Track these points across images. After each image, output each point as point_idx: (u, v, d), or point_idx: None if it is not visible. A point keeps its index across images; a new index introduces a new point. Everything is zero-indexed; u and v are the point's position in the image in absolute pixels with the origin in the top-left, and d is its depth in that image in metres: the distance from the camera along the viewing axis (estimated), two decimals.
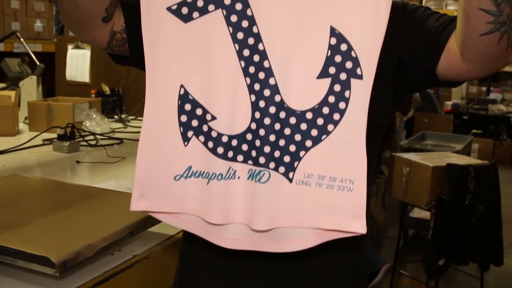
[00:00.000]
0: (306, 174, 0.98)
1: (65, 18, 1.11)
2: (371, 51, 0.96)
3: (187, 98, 1.00)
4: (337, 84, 0.97)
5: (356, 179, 0.97)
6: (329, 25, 0.96)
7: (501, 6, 0.96)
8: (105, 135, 2.64)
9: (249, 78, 0.98)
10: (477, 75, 1.09)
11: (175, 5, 0.99)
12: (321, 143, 0.98)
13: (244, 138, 0.99)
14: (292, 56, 0.97)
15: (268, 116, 0.98)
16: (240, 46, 0.98)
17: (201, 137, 1.00)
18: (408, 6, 1.19)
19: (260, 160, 0.98)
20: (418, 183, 3.51)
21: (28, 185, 1.63)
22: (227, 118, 0.99)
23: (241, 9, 0.97)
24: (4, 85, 3.21)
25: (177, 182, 1.01)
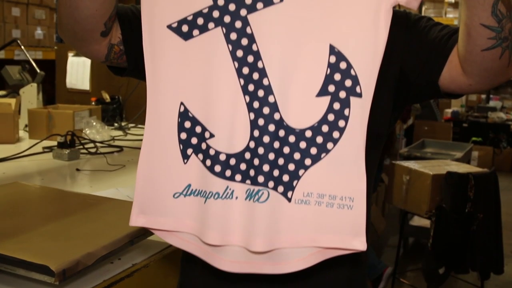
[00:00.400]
0: (305, 193, 0.97)
1: (64, 33, 1.11)
2: (371, 69, 0.96)
3: (187, 115, 1.00)
4: (337, 102, 0.96)
5: (356, 197, 0.97)
6: (329, 43, 0.96)
7: (502, 22, 0.96)
8: (105, 143, 2.64)
9: (248, 96, 0.98)
10: (479, 88, 1.09)
11: (175, 23, 0.99)
12: (320, 162, 0.97)
13: (243, 157, 0.98)
14: (291, 74, 0.96)
15: (267, 134, 0.97)
16: (240, 64, 0.97)
17: (200, 155, 1.00)
18: (410, 16, 1.19)
19: (258, 179, 0.97)
20: (418, 191, 3.51)
21: (28, 193, 1.63)
22: (226, 136, 0.98)
23: (240, 27, 0.97)
24: (5, 93, 3.21)
25: (176, 199, 1.01)
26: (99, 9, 1.03)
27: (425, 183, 3.44)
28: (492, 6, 0.95)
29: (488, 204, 3.40)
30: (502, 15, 0.96)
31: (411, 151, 5.34)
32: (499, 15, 0.96)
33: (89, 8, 1.02)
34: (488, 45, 0.98)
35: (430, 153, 5.42)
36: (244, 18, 0.97)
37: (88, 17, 1.04)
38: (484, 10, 0.95)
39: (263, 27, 0.97)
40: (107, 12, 1.05)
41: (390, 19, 0.95)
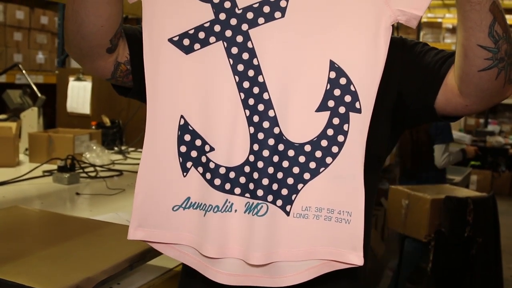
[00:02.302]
0: (303, 207, 0.99)
1: (70, 48, 1.12)
2: (370, 86, 0.97)
3: (187, 128, 1.01)
4: (336, 118, 0.98)
5: (354, 211, 0.98)
6: (329, 59, 0.98)
7: (499, 43, 0.98)
8: (105, 167, 2.65)
9: (249, 110, 0.99)
10: (475, 109, 1.10)
11: (176, 36, 1.01)
12: (319, 176, 0.99)
13: (242, 171, 0.99)
14: (291, 89, 0.98)
15: (266, 148, 0.98)
16: (240, 78, 0.99)
17: (200, 168, 1.01)
18: (407, 42, 1.21)
19: (258, 193, 0.99)
20: (417, 215, 3.50)
21: (27, 217, 1.63)
22: (225, 150, 1.00)
23: (242, 42, 0.99)
24: (5, 116, 3.23)
25: (175, 212, 1.02)
26: (105, 25, 1.05)
27: (424, 207, 3.44)
28: (489, 27, 0.97)
29: (487, 228, 3.40)
30: (499, 36, 0.98)
31: None
32: (495, 36, 0.98)
33: (94, 24, 1.04)
34: (485, 66, 1.00)
35: None
36: (246, 32, 0.99)
37: (93, 33, 1.06)
38: (481, 31, 0.97)
39: (264, 42, 0.99)
40: (112, 28, 1.07)
41: (390, 37, 0.98)
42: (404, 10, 0.97)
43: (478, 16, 0.96)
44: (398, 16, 0.97)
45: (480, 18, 0.96)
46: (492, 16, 0.96)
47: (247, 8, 0.99)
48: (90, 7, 1.03)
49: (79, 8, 1.04)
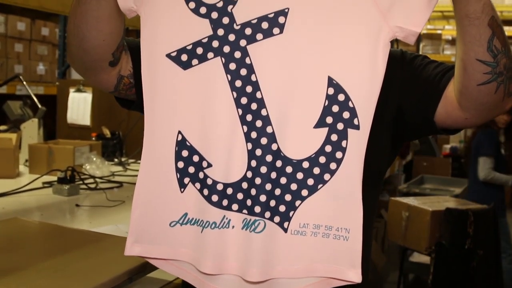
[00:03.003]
0: (301, 223, 0.99)
1: (73, 62, 1.13)
2: (368, 102, 0.98)
3: (185, 144, 1.01)
4: (334, 134, 0.98)
5: (352, 228, 0.98)
6: (327, 75, 0.98)
7: (497, 57, 0.99)
8: (104, 178, 2.65)
9: (246, 126, 0.99)
10: (475, 122, 1.11)
11: (174, 52, 1.01)
12: (317, 192, 0.99)
13: (240, 187, 0.99)
14: (289, 105, 0.98)
15: (264, 164, 0.98)
16: (238, 94, 0.99)
17: (197, 184, 1.01)
18: (406, 55, 1.22)
19: (255, 209, 0.98)
20: (417, 227, 3.50)
21: (27, 229, 1.63)
22: (223, 166, 1.00)
23: (240, 57, 0.99)
24: (6, 128, 3.23)
25: (173, 228, 1.01)
26: (106, 39, 1.06)
27: (424, 219, 3.44)
28: (488, 41, 0.97)
29: (488, 240, 3.39)
30: (498, 51, 0.98)
31: (410, 187, 5.35)
32: (494, 51, 0.98)
33: (96, 38, 1.05)
34: (484, 80, 1.00)
35: (429, 189, 5.42)
36: (244, 48, 0.99)
37: (95, 47, 1.06)
38: (480, 45, 0.98)
39: (262, 58, 0.99)
40: (114, 42, 1.08)
41: (388, 53, 0.98)
42: (402, 27, 0.97)
43: (477, 30, 0.97)
44: (396, 33, 0.97)
45: (479, 32, 0.97)
46: (491, 30, 0.97)
47: (246, 24, 0.99)
48: (91, 22, 1.03)
49: (81, 23, 1.04)
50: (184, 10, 1.00)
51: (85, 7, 1.03)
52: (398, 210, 3.69)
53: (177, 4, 1.00)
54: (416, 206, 3.56)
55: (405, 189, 5.23)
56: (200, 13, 1.00)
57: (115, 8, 1.02)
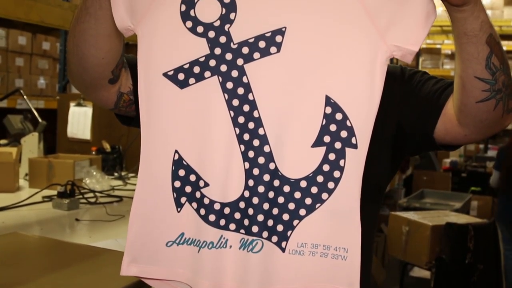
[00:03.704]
0: (299, 243, 0.98)
1: (73, 80, 1.14)
2: (366, 121, 0.97)
3: (181, 163, 1.00)
4: (332, 153, 0.98)
5: (350, 247, 0.97)
6: (325, 94, 0.98)
7: (496, 74, 0.99)
8: (104, 193, 2.65)
9: (244, 145, 0.99)
10: (474, 139, 1.11)
11: (171, 71, 1.01)
12: (315, 212, 0.98)
13: (237, 206, 0.99)
14: (287, 124, 0.98)
15: (262, 184, 0.98)
16: (235, 113, 0.99)
17: (194, 203, 1.00)
18: (406, 71, 1.22)
19: (253, 229, 0.98)
20: (418, 242, 3.49)
21: (26, 244, 1.63)
22: (220, 185, 0.99)
23: (237, 76, 0.99)
24: (6, 142, 3.23)
25: (169, 248, 1.01)
26: (106, 57, 1.07)
27: (424, 234, 3.43)
28: (486, 59, 0.98)
29: (488, 254, 3.38)
30: (496, 68, 0.99)
31: (410, 202, 5.34)
32: (492, 68, 0.98)
33: (95, 56, 1.06)
34: (483, 97, 1.00)
35: (429, 204, 5.41)
36: (241, 67, 0.99)
37: (95, 65, 1.07)
38: (478, 63, 0.98)
39: (259, 77, 0.99)
40: (114, 60, 1.08)
41: (386, 71, 0.98)
42: (399, 46, 0.97)
43: (475, 48, 0.97)
44: (393, 52, 0.97)
45: (477, 50, 0.97)
46: (489, 48, 0.97)
47: (243, 43, 0.99)
48: (90, 40, 1.04)
49: (80, 42, 1.05)
50: (181, 29, 1.00)
51: (84, 26, 1.04)
52: (398, 225, 3.69)
53: (174, 23, 1.00)
54: (416, 220, 3.56)
55: (405, 203, 5.22)
56: (197, 32, 1.00)
57: (113, 27, 1.03)
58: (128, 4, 1.00)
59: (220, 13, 0.99)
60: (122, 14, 1.00)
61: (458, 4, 0.95)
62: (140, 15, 1.00)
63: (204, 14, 0.99)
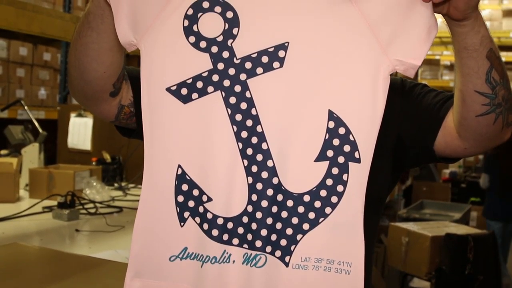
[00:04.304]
0: (303, 257, 0.98)
1: (74, 93, 1.14)
2: (369, 135, 0.98)
3: (185, 178, 1.00)
4: (335, 167, 0.98)
5: (354, 262, 0.97)
6: (328, 108, 0.98)
7: (496, 89, 1.00)
8: (104, 203, 2.65)
9: (247, 160, 0.99)
10: (474, 152, 1.11)
11: (174, 85, 1.01)
12: (318, 226, 0.98)
13: (240, 221, 0.99)
14: (290, 139, 0.98)
15: (265, 198, 0.98)
16: (238, 127, 0.99)
17: (197, 218, 1.00)
18: (406, 84, 1.23)
19: (256, 244, 0.98)
20: (417, 253, 3.49)
21: (26, 255, 1.63)
22: (223, 200, 0.99)
23: (240, 91, 1.00)
24: (7, 152, 3.24)
25: (172, 263, 1.00)
26: (107, 71, 1.07)
27: (424, 245, 3.43)
28: (486, 73, 0.98)
29: (488, 265, 3.38)
30: (496, 82, 0.99)
31: (410, 212, 5.34)
32: (492, 82, 0.99)
33: (97, 70, 1.06)
34: (482, 111, 1.01)
35: (428, 214, 5.41)
36: (244, 82, 1.00)
37: (96, 78, 1.07)
38: (478, 77, 0.99)
39: (262, 92, 0.99)
40: (115, 73, 1.09)
41: (388, 86, 0.98)
42: (402, 60, 0.97)
43: (475, 63, 0.98)
44: (396, 66, 0.98)
45: (477, 65, 0.98)
46: (489, 63, 0.98)
47: (246, 58, 1.00)
48: (92, 54, 1.05)
49: (82, 55, 1.06)
50: (184, 44, 1.00)
51: (86, 39, 1.04)
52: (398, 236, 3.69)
53: (177, 38, 1.00)
54: (416, 231, 3.56)
55: (405, 214, 5.22)
56: (200, 47, 1.00)
57: (115, 41, 1.03)
58: (131, 19, 1.00)
59: (223, 28, 1.00)
60: (125, 29, 1.00)
61: (459, 18, 0.96)
62: (143, 30, 1.01)
63: (207, 29, 1.00)
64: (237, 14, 1.00)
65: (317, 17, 0.99)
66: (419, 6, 0.96)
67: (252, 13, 1.00)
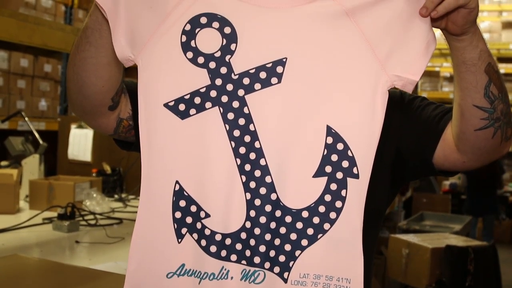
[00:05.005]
0: (301, 274, 0.97)
1: (73, 107, 1.15)
2: (368, 151, 0.97)
3: (182, 194, 1.00)
4: (334, 183, 0.97)
5: (353, 278, 0.97)
6: (326, 124, 0.98)
7: (494, 103, 1.00)
8: (104, 215, 2.65)
9: (245, 176, 0.98)
10: (472, 166, 1.11)
11: (172, 101, 1.00)
12: (317, 242, 0.98)
13: (238, 237, 0.98)
14: (288, 154, 0.98)
15: (263, 214, 0.97)
16: (237, 143, 0.99)
17: (195, 234, 0.99)
18: (405, 97, 1.23)
19: (254, 260, 0.97)
20: (418, 264, 3.48)
21: (26, 266, 1.63)
22: (221, 216, 0.98)
23: (238, 107, 0.99)
24: (7, 163, 3.24)
25: (170, 280, 1.00)
26: (105, 85, 1.07)
27: (424, 256, 3.43)
28: (485, 88, 0.99)
29: (488, 277, 3.37)
30: (494, 97, 0.99)
31: (410, 224, 5.33)
32: (491, 97, 0.99)
33: (95, 84, 1.06)
34: (481, 125, 1.01)
35: (429, 226, 5.41)
36: (242, 98, 0.99)
37: (95, 93, 1.07)
38: (477, 92, 0.99)
39: (260, 108, 0.99)
40: (113, 87, 1.09)
41: (386, 101, 0.98)
42: (400, 75, 0.98)
43: (474, 77, 0.98)
44: (394, 81, 0.98)
45: (476, 79, 0.98)
46: (488, 77, 0.98)
47: (244, 74, 0.99)
48: (90, 69, 1.05)
49: (80, 70, 1.06)
50: (182, 59, 1.00)
51: (84, 54, 1.04)
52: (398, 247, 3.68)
53: (175, 54, 1.00)
54: (416, 243, 3.56)
55: (405, 226, 5.22)
56: (198, 63, 1.00)
57: (114, 55, 1.03)
58: (129, 35, 1.00)
59: (221, 44, 1.00)
60: (122, 44, 1.01)
61: (457, 33, 0.96)
62: (140, 46, 1.01)
63: (204, 45, 1.00)
64: (235, 30, 1.00)
65: (315, 32, 0.99)
66: (417, 21, 0.97)
67: (250, 28, 1.00)
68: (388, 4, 0.98)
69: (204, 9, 1.01)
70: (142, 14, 1.01)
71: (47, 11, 4.63)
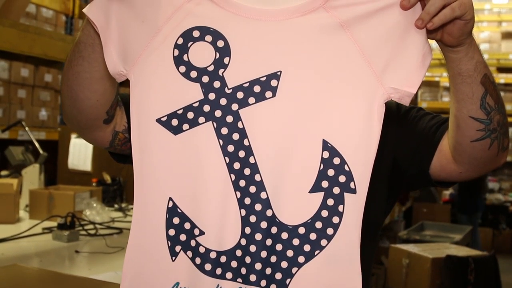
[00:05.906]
0: None
1: (68, 122, 1.14)
2: (365, 165, 0.96)
3: (176, 211, 0.98)
4: (331, 199, 0.96)
5: None
6: (322, 138, 0.96)
7: (491, 114, 0.99)
8: (104, 225, 2.65)
9: (240, 192, 0.96)
10: (469, 176, 1.10)
11: (165, 116, 0.98)
12: (314, 259, 0.96)
13: (234, 254, 0.96)
14: (284, 170, 0.96)
15: (259, 231, 0.95)
16: (231, 159, 0.97)
17: (189, 252, 0.98)
18: (401, 108, 1.23)
19: (250, 278, 0.96)
20: (418, 274, 3.48)
21: (26, 276, 1.63)
22: (216, 233, 0.96)
23: (232, 122, 0.97)
24: (7, 173, 3.24)
25: None
26: (100, 99, 1.07)
27: (424, 266, 3.42)
28: (481, 99, 0.98)
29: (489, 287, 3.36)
30: (491, 108, 0.99)
31: (410, 234, 5.32)
32: (487, 108, 0.99)
33: (89, 99, 1.06)
34: (477, 137, 1.01)
35: (429, 236, 5.40)
36: (236, 112, 0.97)
37: (89, 107, 1.07)
38: (473, 103, 0.99)
39: (255, 122, 0.97)
40: (108, 101, 1.09)
41: (383, 114, 0.97)
42: (397, 88, 0.96)
43: (470, 88, 0.98)
44: (391, 94, 0.96)
45: (472, 90, 0.98)
46: (484, 88, 0.98)
47: (237, 88, 0.97)
48: (84, 83, 1.04)
49: (74, 85, 1.05)
50: (174, 74, 0.98)
51: (77, 69, 1.04)
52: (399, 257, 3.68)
53: (167, 68, 0.99)
54: (416, 253, 3.55)
55: (405, 235, 5.20)
56: (191, 77, 0.98)
57: (107, 70, 1.02)
58: (121, 49, 0.99)
59: (214, 58, 0.98)
60: (114, 59, 0.99)
61: (453, 45, 0.96)
62: (132, 60, 0.99)
63: (197, 59, 0.98)
64: (228, 43, 0.98)
65: (309, 45, 0.97)
66: (413, 33, 0.95)
67: (243, 41, 0.98)
68: (383, 16, 0.96)
69: (196, 22, 0.99)
70: (134, 29, 0.99)
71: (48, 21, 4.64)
